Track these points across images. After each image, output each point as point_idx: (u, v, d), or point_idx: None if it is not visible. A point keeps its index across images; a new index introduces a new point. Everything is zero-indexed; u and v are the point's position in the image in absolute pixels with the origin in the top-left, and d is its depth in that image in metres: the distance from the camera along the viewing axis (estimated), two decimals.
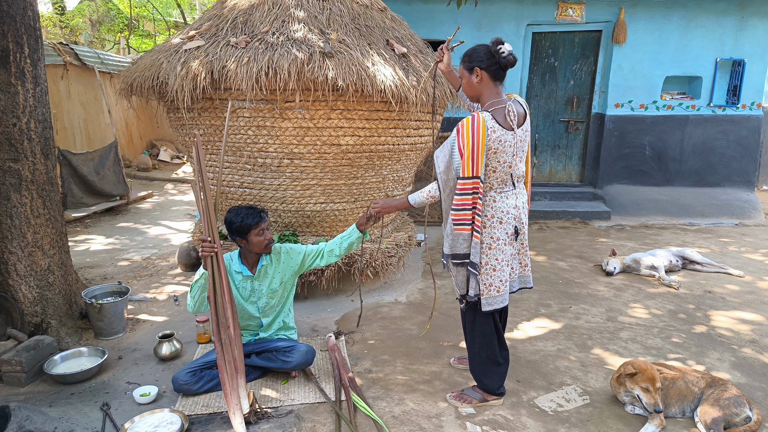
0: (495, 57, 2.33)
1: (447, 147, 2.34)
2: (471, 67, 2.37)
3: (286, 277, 2.99)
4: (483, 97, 2.41)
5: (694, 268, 4.85)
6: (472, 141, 2.24)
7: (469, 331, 2.64)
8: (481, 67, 2.34)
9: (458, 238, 2.36)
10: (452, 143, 2.31)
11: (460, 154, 2.26)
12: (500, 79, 2.38)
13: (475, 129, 2.24)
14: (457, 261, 2.42)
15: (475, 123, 2.24)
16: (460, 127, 2.27)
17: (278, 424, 2.53)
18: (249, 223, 2.77)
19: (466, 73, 2.40)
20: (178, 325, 3.63)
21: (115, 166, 7.17)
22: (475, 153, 2.24)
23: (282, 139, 3.50)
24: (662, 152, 6.86)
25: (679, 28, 6.41)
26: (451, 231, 2.37)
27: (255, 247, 2.84)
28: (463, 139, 2.25)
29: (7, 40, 3.07)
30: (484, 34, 6.45)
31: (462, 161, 2.27)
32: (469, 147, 2.24)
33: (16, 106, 3.14)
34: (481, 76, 2.35)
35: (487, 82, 2.37)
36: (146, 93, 3.61)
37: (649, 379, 2.49)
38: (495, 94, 2.38)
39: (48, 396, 2.77)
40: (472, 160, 2.25)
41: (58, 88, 8.09)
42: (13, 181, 3.17)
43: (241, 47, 3.32)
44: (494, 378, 2.64)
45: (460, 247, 2.38)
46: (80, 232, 6.16)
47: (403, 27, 4.11)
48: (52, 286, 3.39)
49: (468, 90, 2.46)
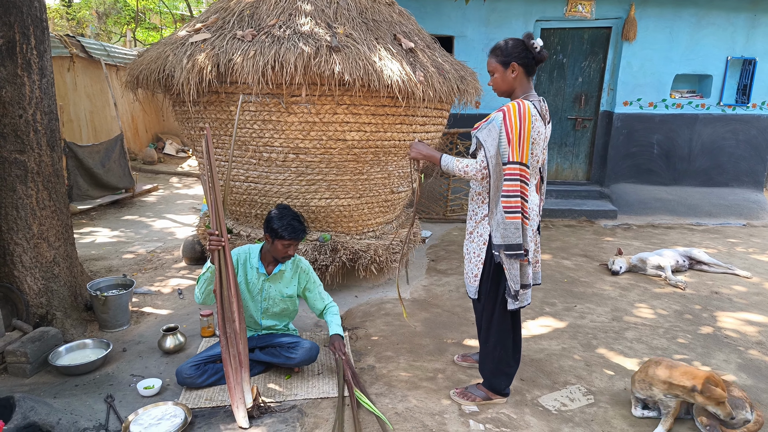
0: (530, 52, 2.31)
1: (494, 130, 2.26)
2: (507, 61, 2.33)
3: (296, 291, 2.99)
4: (516, 91, 2.37)
5: (701, 268, 4.81)
6: (520, 127, 2.22)
7: (484, 329, 2.58)
8: (518, 62, 2.31)
9: (510, 227, 2.29)
10: (500, 127, 2.25)
11: (508, 139, 2.23)
12: (533, 74, 2.39)
13: (524, 116, 2.22)
14: (511, 252, 2.33)
15: (522, 110, 2.22)
16: (506, 112, 2.24)
17: (281, 419, 2.53)
18: (284, 236, 2.73)
19: (501, 68, 2.36)
20: (182, 319, 3.63)
21: (120, 158, 7.18)
22: (523, 139, 2.23)
23: (288, 133, 3.49)
24: (670, 151, 6.81)
25: (689, 26, 6.34)
26: (503, 219, 2.29)
27: (273, 252, 2.82)
28: (511, 123, 2.22)
29: (13, 31, 3.07)
30: (492, 30, 6.41)
31: (510, 146, 2.24)
32: (517, 132, 2.22)
33: (22, 97, 3.14)
34: (518, 71, 2.33)
35: (521, 77, 2.35)
36: (152, 86, 3.60)
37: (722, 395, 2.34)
38: (528, 89, 2.38)
39: (52, 387, 2.78)
40: (520, 146, 2.23)
41: (64, 80, 8.10)
42: (18, 172, 3.18)
43: (248, 40, 3.30)
44: (503, 378, 2.63)
45: (513, 236, 2.31)
46: (86, 224, 6.17)
47: (411, 22, 4.08)
48: (58, 277, 3.40)
49: (501, 85, 2.40)
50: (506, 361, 2.59)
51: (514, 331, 2.57)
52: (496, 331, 2.53)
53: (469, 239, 2.57)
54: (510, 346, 2.57)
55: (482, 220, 2.48)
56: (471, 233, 2.55)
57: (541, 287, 4.32)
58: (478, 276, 2.51)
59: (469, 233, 2.58)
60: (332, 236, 3.89)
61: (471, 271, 2.55)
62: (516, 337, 2.60)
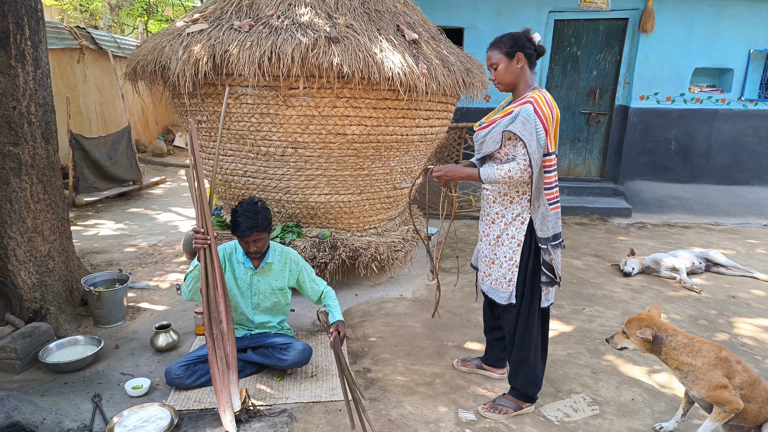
0: (532, 44, 2.30)
1: (530, 124, 2.19)
2: (512, 52, 2.28)
3: (287, 283, 2.90)
4: (521, 83, 2.33)
5: (718, 270, 4.62)
6: (552, 115, 2.22)
7: (520, 335, 2.46)
8: (523, 52, 2.27)
9: (553, 217, 2.31)
10: (534, 119, 2.19)
11: (545, 129, 2.20)
12: (534, 67, 2.37)
13: (551, 105, 2.24)
14: (556, 242, 2.34)
15: (548, 98, 2.24)
16: (535, 102, 2.21)
17: (270, 424, 2.44)
18: (236, 231, 2.66)
19: (505, 59, 2.30)
20: (178, 315, 3.56)
21: (127, 151, 7.16)
22: (553, 129, 2.24)
23: (286, 127, 3.39)
24: (688, 147, 6.58)
25: (709, 17, 6.09)
26: (548, 211, 2.28)
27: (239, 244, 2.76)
28: (544, 113, 2.20)
29: (7, 21, 3.00)
30: (503, 21, 6.23)
31: (547, 136, 2.22)
32: (550, 122, 2.22)
33: (16, 89, 3.08)
34: (523, 62, 2.29)
35: (526, 68, 2.32)
36: (149, 77, 3.52)
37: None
38: (533, 81, 2.36)
39: (41, 384, 2.73)
40: (553, 135, 2.25)
41: (74, 72, 8.10)
42: (12, 165, 3.12)
43: (245, 31, 3.20)
44: (537, 383, 2.54)
45: (557, 226, 2.33)
46: (91, 216, 6.16)
47: (416, 12, 3.94)
48: (52, 272, 3.35)
49: (506, 76, 2.33)
50: (539, 366, 2.51)
51: (544, 333, 2.51)
52: (531, 336, 2.44)
53: (497, 243, 2.44)
54: (540, 349, 2.50)
55: (514, 221, 2.38)
56: (499, 237, 2.43)
57: None
58: (512, 281, 2.40)
59: (495, 237, 2.44)
60: (332, 233, 3.79)
61: (504, 277, 2.43)
62: (545, 341, 2.53)
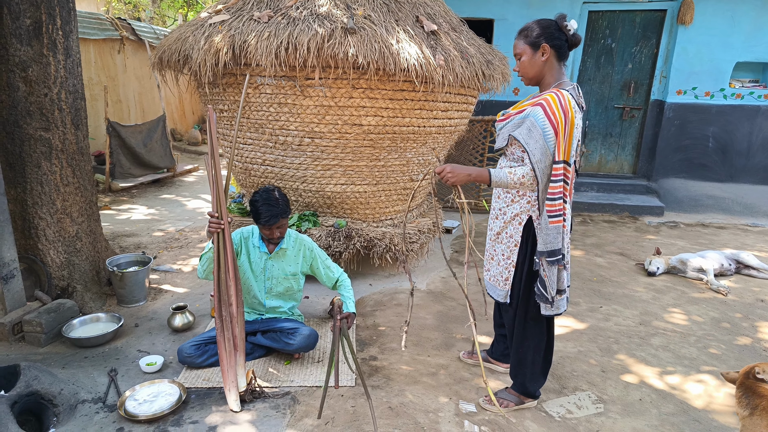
0: (564, 33, 2.12)
1: (536, 129, 2.06)
2: (537, 42, 2.12)
3: (300, 269, 2.96)
4: (547, 77, 2.17)
5: (750, 273, 4.44)
6: (565, 121, 2.02)
7: (518, 334, 2.42)
8: (549, 43, 2.11)
9: (552, 231, 2.12)
10: (542, 123, 2.05)
11: (555, 133, 2.03)
12: (565, 59, 2.18)
13: (566, 108, 2.03)
14: (552, 259, 2.15)
15: (564, 102, 2.03)
16: (546, 105, 2.05)
17: (273, 405, 2.51)
18: (260, 221, 2.74)
19: (529, 50, 2.14)
20: (197, 298, 3.69)
21: (162, 139, 7.39)
22: (566, 135, 2.04)
23: (303, 117, 3.43)
24: (727, 145, 6.30)
25: (754, 9, 5.79)
26: (547, 224, 2.12)
27: (261, 232, 2.84)
28: (555, 117, 2.03)
29: (40, 11, 3.15)
30: (534, 13, 6.10)
31: (557, 142, 2.04)
32: (562, 127, 2.02)
33: (47, 76, 3.23)
34: (548, 54, 2.13)
35: (552, 61, 2.14)
36: (174, 66, 3.63)
37: None
38: (561, 75, 2.17)
39: (63, 357, 2.88)
40: (565, 142, 2.04)
41: (114, 62, 8.39)
42: (43, 149, 3.28)
43: (263, 22, 3.26)
44: (539, 381, 2.51)
45: (555, 242, 2.13)
46: (126, 201, 6.41)
47: (438, 3, 3.91)
48: (80, 252, 3.51)
49: (529, 69, 2.18)
50: (541, 364, 2.46)
51: (549, 332, 2.42)
52: (531, 335, 2.39)
53: (496, 240, 2.39)
54: (544, 348, 2.43)
55: (512, 220, 2.30)
56: (498, 234, 2.37)
57: None
58: (509, 280, 2.36)
59: (495, 234, 2.40)
60: (348, 223, 3.83)
61: (500, 275, 2.40)
62: (550, 339, 2.46)
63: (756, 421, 1.94)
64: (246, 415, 2.42)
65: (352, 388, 2.65)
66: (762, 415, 1.93)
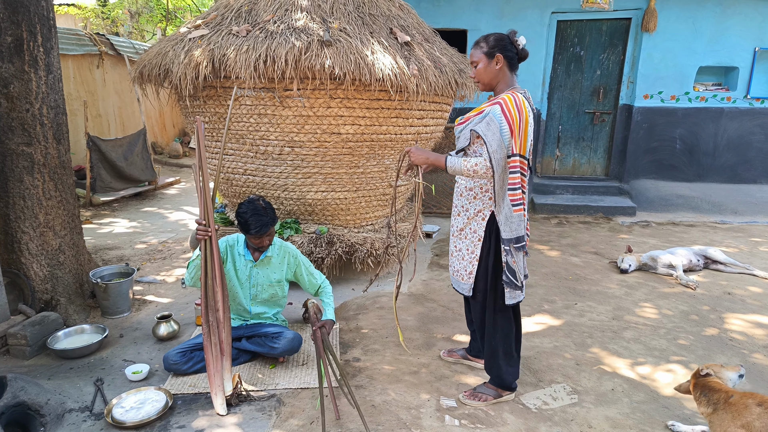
0: (514, 47, 2.34)
1: (494, 124, 2.24)
2: (491, 52, 2.33)
3: (285, 276, 3.04)
4: (500, 84, 2.38)
5: (717, 268, 4.63)
6: (520, 119, 2.23)
7: (489, 326, 2.55)
8: (503, 54, 2.32)
9: (516, 219, 2.31)
10: (500, 120, 2.23)
11: (510, 130, 2.22)
12: (515, 70, 2.40)
13: (521, 107, 2.24)
14: (519, 245, 2.35)
15: (519, 102, 2.24)
16: (504, 104, 2.24)
17: (259, 407, 2.57)
18: (250, 232, 2.81)
19: (485, 58, 2.35)
20: (181, 307, 3.73)
21: (143, 152, 7.40)
22: (522, 131, 2.25)
23: (283, 127, 3.53)
24: (694, 146, 6.55)
25: (714, 16, 6.07)
26: (511, 213, 2.30)
27: (250, 242, 2.90)
28: (511, 115, 2.22)
29: (20, 29, 3.20)
30: (506, 22, 6.30)
31: (512, 138, 2.23)
32: (517, 124, 2.23)
33: (29, 92, 3.27)
34: (502, 63, 2.33)
35: (505, 70, 2.36)
36: (155, 80, 3.70)
37: None
38: (513, 82, 2.39)
39: (49, 369, 2.91)
40: (520, 138, 2.25)
41: (93, 77, 8.39)
42: (25, 164, 3.32)
43: (242, 36, 3.35)
44: (512, 372, 2.61)
45: (520, 229, 2.33)
46: (107, 215, 6.40)
47: (411, 15, 4.06)
48: (63, 265, 3.54)
49: (484, 76, 2.39)
50: (512, 355, 2.58)
51: (516, 321, 2.57)
52: (501, 326, 2.52)
53: (460, 236, 2.53)
54: (514, 339, 2.57)
55: (476, 216, 2.45)
56: (462, 230, 2.51)
57: (543, 284, 4.25)
58: (473, 273, 2.49)
59: (458, 230, 2.54)
60: (329, 229, 3.92)
61: (464, 269, 2.53)
62: (518, 330, 2.60)
63: (721, 415, 2.05)
64: (232, 418, 2.48)
65: (336, 389, 2.72)
66: (725, 408, 2.05)
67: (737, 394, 2.05)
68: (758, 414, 1.93)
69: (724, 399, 2.07)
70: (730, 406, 2.03)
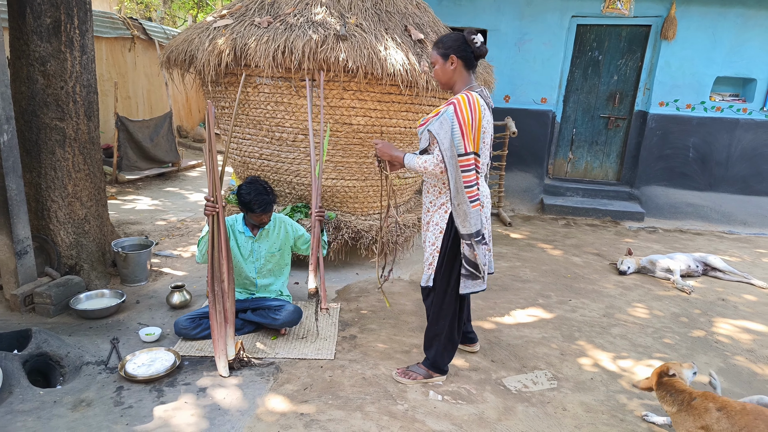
0: (470, 46, 2.43)
1: (446, 123, 2.34)
2: (446, 54, 2.44)
3: (284, 246, 3.25)
4: (457, 83, 2.49)
5: (716, 275, 4.70)
6: (472, 117, 2.32)
7: (434, 312, 2.69)
8: (457, 54, 2.43)
9: (474, 215, 2.40)
10: (452, 119, 2.33)
11: (461, 131, 2.32)
12: (473, 68, 2.49)
13: (473, 106, 2.33)
14: (478, 239, 2.44)
15: (471, 101, 2.34)
16: (457, 104, 2.34)
17: (258, 372, 2.79)
18: (253, 210, 3.03)
19: (440, 59, 2.47)
20: (194, 281, 3.97)
21: (168, 134, 7.70)
22: (475, 130, 2.34)
23: (297, 115, 3.72)
24: (707, 155, 6.57)
25: (735, 26, 6.08)
26: (469, 209, 2.40)
27: (252, 220, 3.12)
28: (462, 115, 2.31)
29: (59, 11, 3.45)
30: (526, 24, 6.40)
31: (463, 138, 2.33)
32: (469, 123, 2.32)
33: (64, 71, 3.53)
34: (456, 64, 2.44)
35: (461, 70, 2.46)
36: (180, 66, 3.93)
37: None
38: (471, 80, 2.49)
39: (70, 327, 3.16)
40: (473, 136, 2.34)
41: (125, 59, 8.71)
42: (58, 137, 3.58)
43: (263, 27, 3.55)
44: (448, 356, 2.76)
45: (478, 223, 2.43)
46: (131, 192, 6.71)
47: (428, 14, 4.21)
48: (87, 234, 3.80)
49: (441, 76, 2.51)
50: (452, 341, 2.72)
51: (459, 310, 2.69)
52: (446, 314, 2.65)
53: (425, 229, 2.68)
54: (456, 328, 2.70)
55: (439, 209, 2.58)
56: (428, 223, 2.66)
57: (541, 280, 4.38)
58: (433, 264, 2.62)
59: (425, 223, 2.68)
60: (337, 215, 4.11)
61: (426, 260, 2.67)
62: (460, 319, 2.73)
63: (684, 416, 2.18)
64: (233, 380, 2.70)
65: (331, 361, 2.92)
66: (688, 409, 2.17)
67: (699, 396, 2.17)
68: (717, 418, 2.06)
69: (687, 400, 2.18)
70: (692, 408, 2.15)
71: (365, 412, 2.47)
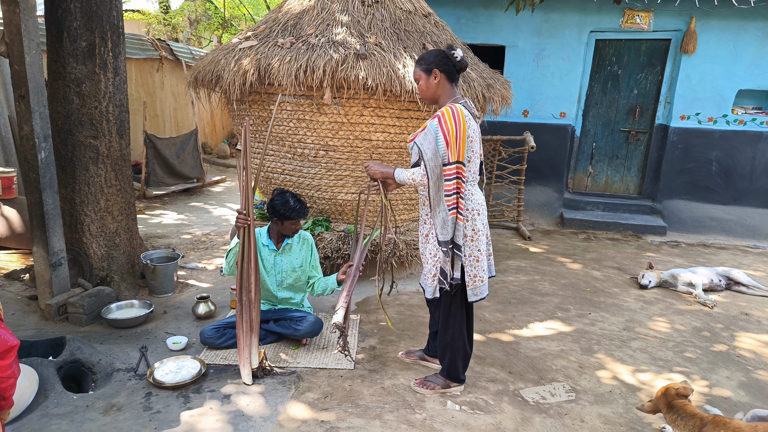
0: (451, 60, 2.51)
1: (430, 135, 2.42)
2: (429, 69, 2.51)
3: (304, 263, 3.33)
4: (442, 97, 2.55)
5: (740, 289, 4.64)
6: (456, 128, 2.39)
7: (443, 322, 2.74)
8: (439, 68, 2.50)
9: (451, 223, 2.45)
10: (436, 130, 2.42)
11: (446, 141, 2.39)
12: (455, 81, 2.57)
13: (457, 117, 2.40)
14: (452, 246, 2.48)
15: (455, 113, 2.41)
16: (441, 116, 2.42)
17: (280, 381, 2.87)
18: (292, 217, 3.14)
19: (424, 75, 2.53)
20: (218, 292, 4.09)
21: (194, 151, 7.93)
22: (459, 139, 2.40)
23: (318, 132, 3.85)
24: (730, 169, 6.50)
25: (756, 39, 6.04)
26: (447, 216, 2.44)
27: (285, 230, 3.22)
28: (446, 125, 2.39)
29: (94, 35, 3.65)
30: (544, 40, 6.47)
31: (448, 148, 2.40)
32: (453, 134, 2.38)
33: (98, 91, 3.72)
34: (440, 78, 2.51)
35: (444, 83, 2.53)
36: (207, 85, 4.10)
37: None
38: (454, 93, 2.56)
39: (101, 335, 3.30)
40: (456, 146, 2.40)
41: (153, 80, 9.04)
42: (91, 155, 3.76)
43: (286, 48, 3.70)
44: (462, 365, 2.80)
45: (450, 231, 2.47)
46: (158, 207, 6.92)
47: (445, 32, 4.32)
48: (118, 246, 3.96)
49: (425, 91, 2.57)
50: (464, 350, 2.76)
51: (468, 322, 2.74)
52: (453, 323, 2.70)
53: (425, 241, 2.72)
54: (465, 336, 2.74)
55: None
56: (426, 236, 2.69)
57: (560, 294, 4.39)
58: (437, 276, 2.65)
59: (424, 236, 2.72)
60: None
61: (429, 272, 2.71)
62: (470, 328, 2.77)
63: None
64: (256, 387, 2.78)
65: (351, 370, 2.99)
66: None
67: (710, 421, 2.12)
68: None
69: (698, 426, 2.18)
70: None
71: (384, 421, 2.52)
